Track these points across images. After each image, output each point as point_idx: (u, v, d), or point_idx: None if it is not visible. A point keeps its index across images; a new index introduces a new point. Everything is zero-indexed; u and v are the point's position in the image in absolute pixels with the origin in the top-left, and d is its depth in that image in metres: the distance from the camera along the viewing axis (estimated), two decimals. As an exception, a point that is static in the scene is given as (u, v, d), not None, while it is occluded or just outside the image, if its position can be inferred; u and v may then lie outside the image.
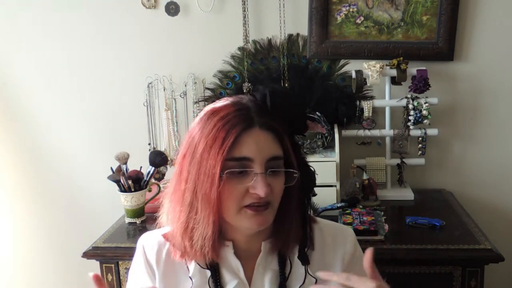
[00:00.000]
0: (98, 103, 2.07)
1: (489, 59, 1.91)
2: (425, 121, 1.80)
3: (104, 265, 1.56)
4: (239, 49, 1.95)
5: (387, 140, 1.91)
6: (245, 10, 1.91)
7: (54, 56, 2.05)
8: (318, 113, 1.85)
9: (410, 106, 1.80)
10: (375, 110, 1.87)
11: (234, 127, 0.89)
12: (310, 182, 1.01)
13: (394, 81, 1.84)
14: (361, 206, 1.71)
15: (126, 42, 2.01)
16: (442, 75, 1.92)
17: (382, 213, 1.64)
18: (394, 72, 1.81)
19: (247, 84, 1.93)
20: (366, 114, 1.84)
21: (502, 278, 1.99)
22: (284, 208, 0.96)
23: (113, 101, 2.06)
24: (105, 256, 1.55)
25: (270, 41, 1.94)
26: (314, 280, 0.99)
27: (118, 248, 1.55)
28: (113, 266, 1.55)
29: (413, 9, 1.87)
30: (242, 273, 0.99)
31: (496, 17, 1.88)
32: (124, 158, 1.70)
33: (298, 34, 1.94)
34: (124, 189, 1.69)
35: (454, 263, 1.44)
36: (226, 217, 0.93)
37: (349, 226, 1.32)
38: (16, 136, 2.15)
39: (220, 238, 0.96)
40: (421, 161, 1.89)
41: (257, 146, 0.89)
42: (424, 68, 1.81)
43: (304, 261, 1.00)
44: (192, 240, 0.93)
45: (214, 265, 0.99)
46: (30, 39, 2.05)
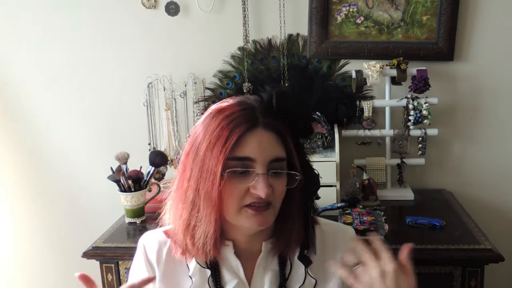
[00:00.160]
0: (98, 103, 2.07)
1: (489, 59, 1.91)
2: (425, 121, 1.80)
3: (104, 265, 1.56)
4: (239, 49, 1.95)
5: (387, 140, 1.91)
6: (245, 10, 1.91)
7: (54, 56, 2.05)
8: (318, 113, 1.85)
9: (410, 106, 1.80)
10: (375, 110, 1.87)
11: (238, 127, 0.88)
12: (313, 185, 1.00)
13: (394, 81, 1.84)
14: (361, 206, 1.71)
15: (126, 42, 2.01)
16: (442, 75, 1.92)
17: (382, 213, 1.64)
18: (394, 72, 1.81)
19: (247, 84, 1.93)
20: (366, 114, 1.84)
21: (502, 278, 1.99)
22: (286, 209, 0.96)
23: (113, 101, 2.06)
24: (105, 256, 1.55)
25: (270, 41, 1.94)
26: (314, 281, 0.99)
27: (118, 248, 1.56)
28: (113, 266, 1.55)
29: (413, 9, 1.87)
30: (242, 273, 0.99)
31: (496, 17, 1.88)
32: (124, 158, 1.70)
33: (298, 34, 1.94)
34: (124, 189, 1.69)
35: (454, 263, 1.44)
36: (227, 216, 0.93)
37: (349, 226, 1.31)
38: (16, 136, 2.15)
39: (221, 237, 0.96)
40: (421, 161, 1.89)
41: (259, 147, 0.89)
42: (424, 68, 1.81)
43: (305, 262, 0.99)
44: (194, 238, 0.93)
45: (214, 264, 0.99)
46: (30, 39, 2.05)
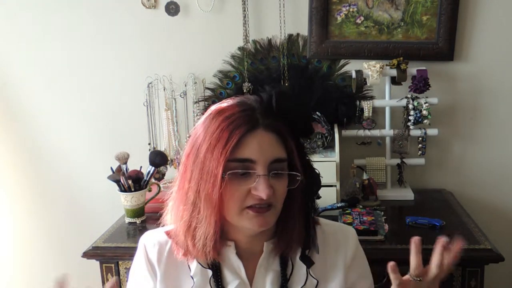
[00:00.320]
0: (98, 103, 2.07)
1: (489, 59, 1.91)
2: (425, 121, 1.80)
3: (104, 265, 1.56)
4: (239, 49, 1.95)
5: (387, 140, 1.91)
6: (245, 10, 1.91)
7: (54, 56, 2.05)
8: (318, 113, 1.85)
9: (410, 106, 1.80)
10: (375, 110, 1.87)
11: (238, 128, 0.88)
12: (314, 185, 1.00)
13: (394, 81, 1.84)
14: (361, 206, 1.71)
15: (126, 42, 2.01)
16: (442, 75, 1.92)
17: (382, 213, 1.64)
18: (394, 72, 1.81)
19: (247, 84, 1.93)
20: (366, 114, 1.84)
21: (502, 278, 1.99)
22: (287, 209, 0.96)
23: (113, 101, 2.06)
24: (105, 256, 1.55)
25: (270, 41, 1.94)
26: (316, 281, 0.99)
27: (118, 248, 1.55)
28: (113, 266, 1.55)
29: (413, 9, 1.87)
30: (243, 273, 0.99)
31: (496, 17, 1.88)
32: (124, 158, 1.70)
33: (298, 34, 1.94)
34: (124, 189, 1.69)
35: (454, 263, 1.43)
36: (228, 217, 0.93)
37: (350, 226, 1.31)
38: (16, 136, 2.14)
39: (222, 238, 0.96)
40: (421, 161, 1.89)
41: (260, 148, 0.89)
42: (424, 68, 1.81)
43: (307, 262, 0.99)
44: (194, 239, 0.93)
45: (215, 265, 0.99)
46: (30, 39, 2.05)
